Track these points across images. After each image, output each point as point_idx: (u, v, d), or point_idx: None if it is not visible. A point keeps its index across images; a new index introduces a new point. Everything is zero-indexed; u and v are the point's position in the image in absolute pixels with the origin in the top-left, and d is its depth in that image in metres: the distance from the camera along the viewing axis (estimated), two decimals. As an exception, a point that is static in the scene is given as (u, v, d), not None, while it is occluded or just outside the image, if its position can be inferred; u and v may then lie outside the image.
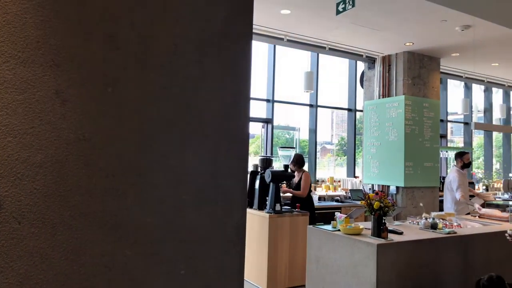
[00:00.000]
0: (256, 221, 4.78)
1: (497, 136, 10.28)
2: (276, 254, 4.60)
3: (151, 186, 1.02)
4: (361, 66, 7.37)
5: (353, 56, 6.74)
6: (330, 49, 6.31)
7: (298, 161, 5.32)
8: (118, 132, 1.00)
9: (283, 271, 4.65)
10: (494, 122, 9.60)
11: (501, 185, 8.64)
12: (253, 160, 6.31)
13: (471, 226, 4.41)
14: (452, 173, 5.64)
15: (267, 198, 4.85)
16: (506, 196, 7.40)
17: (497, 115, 9.19)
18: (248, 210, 4.90)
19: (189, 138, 1.07)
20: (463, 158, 5.61)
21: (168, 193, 1.04)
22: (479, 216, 4.99)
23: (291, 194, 5.35)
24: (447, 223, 4.21)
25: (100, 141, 0.98)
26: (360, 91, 7.44)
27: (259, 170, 5.21)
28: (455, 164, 5.72)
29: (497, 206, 5.85)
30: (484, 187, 8.59)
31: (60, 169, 0.93)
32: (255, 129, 7.01)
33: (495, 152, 10.25)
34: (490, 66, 7.40)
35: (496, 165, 10.39)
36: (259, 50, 6.79)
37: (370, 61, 6.95)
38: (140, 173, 1.01)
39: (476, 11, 3.15)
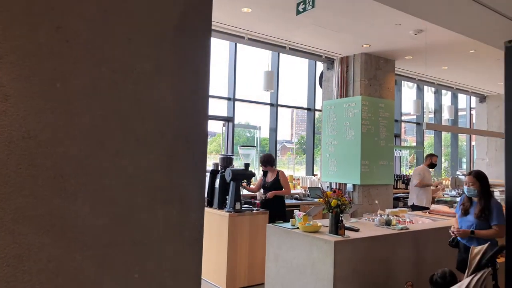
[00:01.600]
0: (216, 220, 4.75)
1: (445, 136, 10.84)
2: (235, 253, 4.59)
3: (102, 187, 0.98)
4: (320, 66, 7.51)
5: (312, 56, 6.85)
6: (290, 49, 6.38)
7: (269, 160, 5.37)
8: (67, 130, 0.94)
9: (243, 270, 4.65)
10: (443, 123, 10.12)
11: (449, 183, 9.14)
12: (214, 159, 6.26)
13: (422, 222, 4.62)
14: (416, 168, 6.73)
15: (227, 197, 4.82)
16: (453, 193, 7.82)
17: (446, 116, 9.69)
18: (208, 209, 4.86)
19: (143, 136, 1.03)
20: (432, 159, 6.66)
21: (120, 194, 1.00)
22: (429, 212, 5.24)
23: (256, 194, 5.39)
24: (400, 219, 4.38)
25: (47, 139, 0.91)
26: (319, 91, 7.59)
27: (219, 169, 5.17)
28: (424, 162, 6.76)
29: (445, 203, 6.17)
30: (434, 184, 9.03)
31: (1, 169, 0.86)
32: (215, 127, 6.97)
33: (444, 151, 10.81)
34: (440, 69, 7.79)
35: (444, 164, 10.96)
36: (220, 48, 6.75)
37: (329, 61, 7.09)
38: (90, 173, 0.96)
39: (428, 16, 3.30)
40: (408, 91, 9.64)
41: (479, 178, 3.47)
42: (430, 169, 6.76)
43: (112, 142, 0.99)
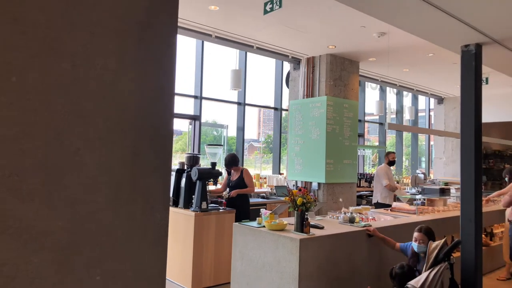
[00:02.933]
0: (182, 220, 4.69)
1: (406, 135, 11.25)
2: (201, 253, 4.56)
3: (61, 186, 0.94)
4: (287, 66, 7.58)
5: (279, 56, 6.91)
6: (257, 48, 6.40)
7: (232, 161, 5.35)
8: (23, 127, 0.90)
9: (208, 270, 4.62)
10: (404, 123, 10.49)
11: (409, 181, 9.50)
12: (180, 158, 6.18)
13: (384, 219, 4.77)
14: (380, 168, 6.86)
15: (193, 196, 4.78)
16: (413, 190, 8.12)
17: (407, 116, 10.06)
18: (173, 209, 4.79)
19: (105, 134, 1.00)
20: (389, 157, 6.91)
21: (81, 194, 0.96)
22: (390, 210, 5.42)
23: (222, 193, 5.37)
24: (363, 216, 4.50)
25: (1, 135, 0.87)
26: (286, 90, 7.66)
27: (185, 168, 5.11)
28: (384, 161, 7.00)
29: (406, 200, 6.40)
30: (396, 182, 9.35)
31: (-50, 167, 0.81)
32: (182, 125, 6.88)
33: (404, 150, 11.21)
34: (402, 71, 8.07)
35: (405, 163, 11.36)
36: (187, 46, 6.66)
37: (296, 62, 7.18)
38: (49, 172, 0.92)
39: (390, 19, 3.40)
40: (371, 92, 9.92)
41: (429, 235, 3.40)
42: (391, 167, 7.02)
43: (73, 139, 0.95)
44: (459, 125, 3.93)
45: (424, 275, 3.01)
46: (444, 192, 6.01)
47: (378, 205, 6.37)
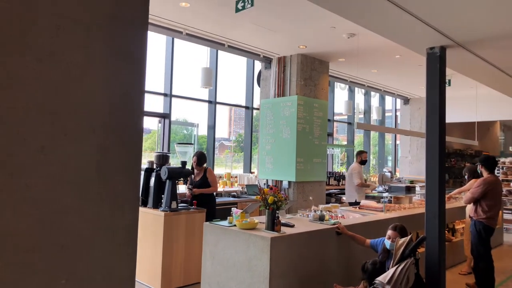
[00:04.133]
0: (151, 220, 4.60)
1: (373, 135, 11.53)
2: (171, 253, 4.49)
3: (24, 186, 0.89)
4: (258, 65, 7.59)
5: (251, 55, 6.90)
6: (229, 46, 6.37)
7: (200, 158, 5.26)
8: (-18, 123, 0.84)
9: (178, 270, 4.56)
10: (371, 123, 10.75)
11: (377, 179, 9.75)
12: (149, 157, 6.06)
13: (353, 217, 4.87)
14: (353, 168, 6.97)
15: (162, 196, 4.70)
16: (380, 188, 8.34)
17: (374, 116, 10.31)
18: (142, 209, 4.69)
19: (72, 132, 0.96)
20: (362, 156, 7.02)
21: (45, 194, 0.92)
22: (359, 207, 5.54)
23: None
24: (333, 214, 4.58)
25: (-43, 133, 0.81)
26: (257, 89, 7.67)
27: (154, 167, 5.02)
28: (355, 160, 7.12)
29: (373, 198, 6.55)
30: (364, 181, 9.56)
31: None
32: (151, 124, 6.76)
33: (372, 149, 11.49)
34: (370, 72, 8.26)
35: (372, 161, 11.65)
36: (157, 42, 6.54)
37: (267, 61, 7.20)
38: (11, 171, 0.87)
39: (360, 20, 3.47)
40: (340, 92, 10.09)
41: (403, 234, 3.45)
42: (362, 166, 7.16)
43: (37, 137, 0.91)
44: (423, 125, 4.06)
45: (391, 271, 3.10)
46: (409, 190, 6.21)
47: (352, 204, 6.44)
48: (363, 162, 7.06)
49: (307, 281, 3.59)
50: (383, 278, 3.06)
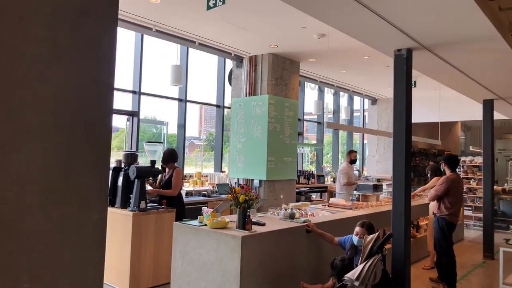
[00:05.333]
0: (119, 221, 4.49)
1: (342, 134, 11.75)
2: (139, 254, 4.40)
3: (-17, 186, 0.84)
4: (230, 63, 7.56)
5: (222, 53, 6.87)
6: (200, 44, 6.31)
7: (168, 157, 5.14)
8: None
9: (147, 270, 4.48)
10: (340, 122, 10.95)
11: (345, 178, 9.94)
12: (117, 156, 5.91)
13: (322, 215, 4.94)
14: (342, 167, 7.29)
15: (131, 195, 4.59)
16: (349, 187, 8.50)
17: (343, 116, 10.51)
18: (110, 209, 4.57)
19: (36, 129, 0.91)
20: (351, 155, 7.35)
21: (6, 194, 0.87)
22: (328, 206, 5.64)
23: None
24: (303, 212, 4.63)
25: None
26: (228, 88, 7.64)
27: (122, 166, 4.90)
28: (345, 159, 7.46)
29: (342, 196, 6.69)
30: (332, 179, 9.74)
31: None
32: (119, 122, 6.59)
33: (340, 148, 11.71)
34: (339, 73, 8.41)
35: (341, 160, 11.87)
36: (126, 39, 6.39)
37: (238, 59, 7.18)
38: (-32, 170, 0.82)
39: (329, 20, 3.52)
40: (310, 92, 10.22)
41: (370, 230, 3.52)
42: (352, 165, 7.42)
43: (-3, 134, 0.86)
44: (390, 125, 4.18)
45: (359, 267, 3.17)
46: (377, 188, 6.37)
47: None
48: (352, 161, 7.33)
49: (277, 279, 3.61)
50: (352, 274, 3.12)
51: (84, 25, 1.00)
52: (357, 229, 3.54)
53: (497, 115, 8.14)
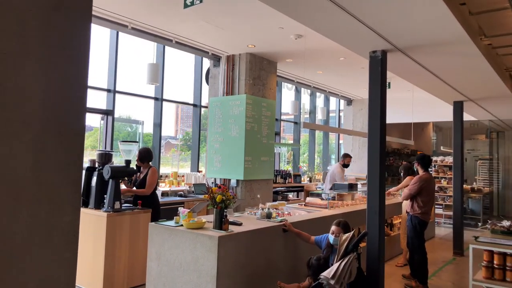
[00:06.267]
0: (92, 222, 4.39)
1: (318, 134, 11.88)
2: (114, 255, 4.32)
3: None
4: (207, 62, 7.51)
5: (199, 52, 6.81)
6: (177, 42, 6.23)
7: (145, 155, 5.06)
8: None
9: (122, 272, 4.40)
10: (316, 123, 11.07)
11: (321, 177, 10.06)
12: (90, 155, 5.78)
13: (299, 214, 4.98)
14: (335, 167, 7.61)
15: (105, 196, 4.49)
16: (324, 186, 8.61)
17: (319, 116, 10.63)
18: (83, 210, 4.46)
19: (3, 127, 0.88)
20: (345, 160, 7.59)
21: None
22: (304, 205, 5.68)
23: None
24: (280, 212, 4.65)
25: None
26: (205, 87, 7.59)
27: (96, 166, 4.79)
28: (339, 161, 7.74)
29: (318, 195, 6.75)
30: (308, 178, 9.84)
31: None
32: (93, 121, 6.43)
33: (317, 148, 11.84)
34: (316, 73, 8.49)
35: (317, 160, 12.00)
36: (100, 36, 6.24)
37: (216, 59, 7.14)
38: None
39: (306, 21, 3.54)
40: (287, 92, 10.28)
41: (346, 229, 3.54)
42: (344, 168, 7.63)
43: (-39, 133, 0.82)
44: (365, 125, 4.25)
45: (335, 266, 3.20)
46: (352, 187, 6.47)
47: None
48: (345, 165, 7.55)
49: (254, 279, 3.61)
50: (328, 273, 3.15)
51: (57, 22, 0.97)
52: (333, 228, 3.58)
53: (467, 117, 8.42)
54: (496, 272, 3.88)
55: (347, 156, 7.70)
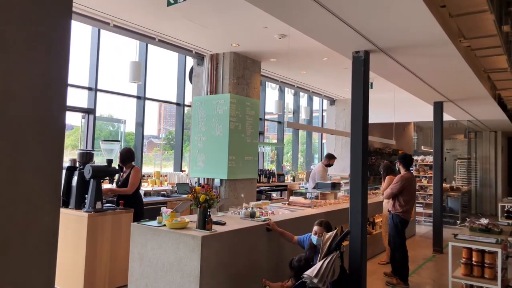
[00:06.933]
0: (73, 222, 4.31)
1: (302, 134, 11.95)
2: (95, 256, 4.24)
3: None
4: (190, 61, 7.46)
5: (182, 50, 6.76)
6: (160, 40, 6.17)
7: (127, 156, 4.97)
8: None
9: (103, 273, 4.33)
10: (300, 122, 11.12)
11: (304, 176, 10.12)
12: (71, 155, 5.67)
13: (282, 213, 4.99)
14: (317, 167, 7.66)
15: (86, 196, 4.41)
16: (307, 185, 8.66)
17: (303, 116, 10.69)
18: (63, 210, 4.37)
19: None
20: (330, 160, 7.64)
21: None
22: (288, 204, 5.70)
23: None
24: (263, 211, 4.65)
25: None
26: (189, 86, 7.53)
27: (77, 165, 4.70)
28: (322, 161, 7.76)
29: (301, 194, 6.79)
30: (292, 178, 9.88)
31: None
32: (73, 119, 6.31)
33: (300, 148, 11.90)
34: (299, 73, 8.53)
35: (300, 159, 12.06)
36: (81, 33, 6.13)
37: (199, 57, 7.10)
38: None
39: (290, 20, 3.55)
40: (271, 92, 10.30)
41: (328, 229, 3.54)
42: (327, 168, 7.70)
43: None
44: (348, 125, 4.29)
45: (318, 264, 3.22)
46: (335, 186, 6.53)
47: None
48: (329, 165, 7.63)
49: (237, 278, 3.61)
50: (311, 272, 3.17)
51: (36, 17, 0.94)
52: (315, 228, 3.60)
53: (447, 117, 8.59)
54: (475, 269, 3.97)
55: (331, 157, 7.72)
